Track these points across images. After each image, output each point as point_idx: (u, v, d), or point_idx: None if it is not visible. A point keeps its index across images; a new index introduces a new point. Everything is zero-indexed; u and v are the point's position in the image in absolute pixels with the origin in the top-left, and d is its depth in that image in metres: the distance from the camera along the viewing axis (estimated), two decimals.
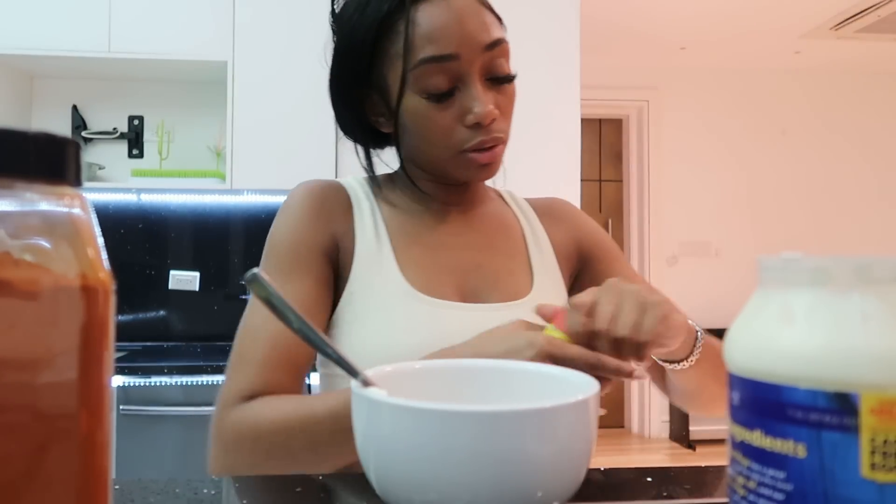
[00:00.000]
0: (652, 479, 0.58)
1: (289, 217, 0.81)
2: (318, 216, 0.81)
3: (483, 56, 0.74)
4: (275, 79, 2.54)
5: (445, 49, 0.72)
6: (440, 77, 0.73)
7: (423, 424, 0.38)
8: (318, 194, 0.83)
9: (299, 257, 0.78)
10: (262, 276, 0.42)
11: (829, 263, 0.29)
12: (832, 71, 4.86)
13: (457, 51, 0.73)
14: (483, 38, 0.74)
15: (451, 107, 0.74)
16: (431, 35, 0.72)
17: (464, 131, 0.75)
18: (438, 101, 0.74)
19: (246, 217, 2.84)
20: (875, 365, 0.27)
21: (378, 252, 0.80)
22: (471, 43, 0.73)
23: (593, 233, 0.93)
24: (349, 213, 0.83)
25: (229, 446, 0.69)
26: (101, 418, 0.28)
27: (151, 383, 2.18)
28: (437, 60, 0.73)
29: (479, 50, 0.73)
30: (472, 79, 0.74)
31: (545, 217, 0.92)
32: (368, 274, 0.78)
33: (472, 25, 0.73)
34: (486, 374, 0.52)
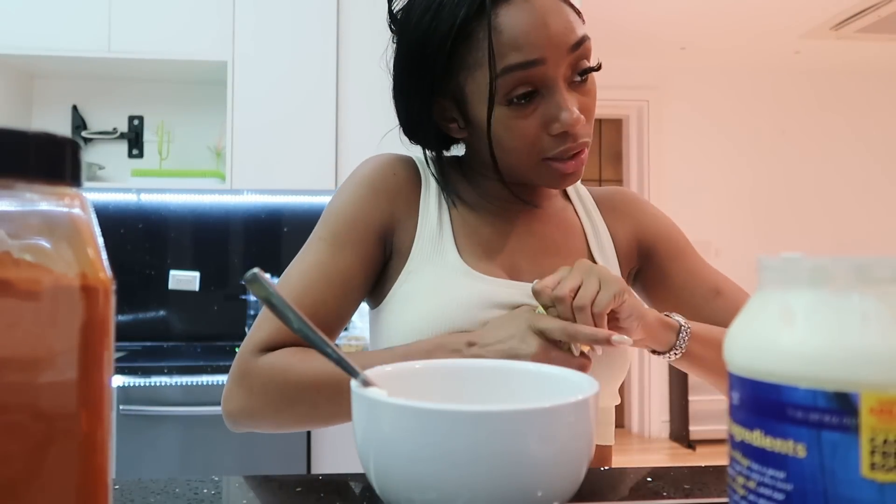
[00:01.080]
0: (652, 479, 0.58)
1: (354, 189, 0.80)
2: (382, 193, 0.80)
3: (569, 58, 0.70)
4: (275, 79, 2.54)
5: (531, 55, 0.69)
6: (523, 84, 0.70)
7: (423, 424, 0.38)
8: (387, 170, 0.81)
9: (354, 232, 0.78)
10: (261, 276, 0.42)
11: (829, 263, 0.29)
12: (832, 71, 4.86)
13: (543, 55, 0.69)
14: (569, 38, 0.70)
15: (535, 114, 0.71)
16: (516, 41, 0.69)
17: (549, 139, 0.72)
18: (523, 108, 0.71)
19: (246, 217, 2.84)
20: (875, 365, 0.27)
21: (439, 236, 0.79)
22: (557, 45, 0.69)
23: (655, 226, 0.89)
24: (416, 192, 0.82)
25: (255, 389, 0.72)
26: (101, 418, 0.28)
27: (151, 383, 2.18)
28: (524, 67, 0.69)
29: (565, 52, 0.70)
30: (557, 84, 0.70)
31: (607, 211, 0.89)
32: (428, 256, 0.78)
33: (557, 26, 0.69)
34: (486, 374, 0.52)
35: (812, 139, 4.89)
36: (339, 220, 0.79)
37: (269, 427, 0.75)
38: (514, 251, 0.82)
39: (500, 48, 0.69)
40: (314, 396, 0.71)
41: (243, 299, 2.70)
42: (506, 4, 0.69)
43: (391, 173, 0.81)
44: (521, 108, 0.71)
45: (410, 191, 0.81)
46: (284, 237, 2.84)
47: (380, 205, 0.80)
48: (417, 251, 0.79)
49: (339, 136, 2.55)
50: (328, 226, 0.79)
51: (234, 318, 2.74)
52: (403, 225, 0.80)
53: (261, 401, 0.72)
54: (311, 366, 0.71)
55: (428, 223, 0.80)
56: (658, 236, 0.88)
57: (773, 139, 4.87)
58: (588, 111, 0.74)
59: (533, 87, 0.70)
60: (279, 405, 0.72)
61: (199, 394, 2.19)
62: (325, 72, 2.54)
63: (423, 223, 0.80)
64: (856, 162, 4.90)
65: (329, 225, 0.79)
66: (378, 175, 0.81)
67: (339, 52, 2.54)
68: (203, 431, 2.19)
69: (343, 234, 0.78)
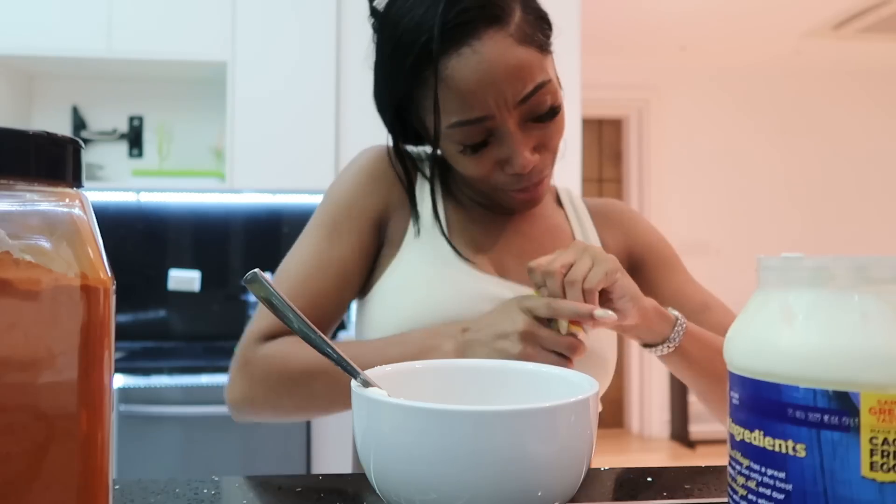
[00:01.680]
0: (652, 479, 0.58)
1: (351, 177, 0.81)
2: (379, 181, 0.81)
3: (517, 110, 0.69)
4: (275, 79, 2.54)
5: (476, 113, 0.68)
6: (473, 135, 0.70)
7: (423, 424, 0.38)
8: (385, 160, 0.82)
9: (350, 219, 0.79)
10: (261, 276, 0.42)
11: (829, 263, 0.29)
12: (832, 71, 4.86)
13: (490, 112, 0.69)
14: (518, 93, 0.68)
15: (488, 155, 0.72)
16: (462, 98, 0.68)
17: (504, 176, 0.73)
18: (474, 152, 0.72)
19: (246, 217, 2.84)
20: (875, 364, 0.27)
21: (433, 228, 0.80)
22: (503, 102, 0.68)
23: (646, 239, 0.89)
24: (412, 183, 0.82)
25: (256, 379, 0.74)
26: (101, 418, 0.28)
27: (151, 383, 2.18)
28: (470, 123, 0.69)
29: (511, 106, 0.69)
30: (507, 132, 0.70)
31: (599, 221, 0.89)
32: (421, 247, 0.79)
33: (504, 82, 0.67)
34: (486, 374, 0.52)
35: (812, 139, 4.89)
36: (337, 208, 0.80)
37: (271, 415, 0.76)
38: (502, 250, 0.82)
39: (446, 103, 0.68)
40: (312, 383, 0.72)
41: (243, 299, 2.70)
42: (455, 55, 0.67)
43: (389, 163, 0.82)
44: (473, 156, 0.72)
45: (407, 181, 0.82)
46: (284, 237, 2.84)
47: (376, 192, 0.80)
48: (409, 241, 0.79)
49: (339, 136, 2.55)
50: (325, 213, 0.80)
51: (234, 318, 2.74)
52: (398, 214, 0.81)
53: (261, 388, 0.73)
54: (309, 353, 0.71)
55: (423, 214, 0.80)
56: (649, 249, 0.88)
57: (774, 139, 4.87)
58: (548, 146, 0.74)
59: (484, 136, 0.70)
60: (279, 392, 0.73)
61: (199, 394, 2.20)
62: (326, 72, 2.54)
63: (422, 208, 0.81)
64: (856, 162, 4.90)
65: (326, 212, 0.80)
66: (376, 164, 0.82)
67: (339, 52, 2.54)
68: (203, 431, 2.19)
69: (340, 221, 0.79)
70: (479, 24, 0.67)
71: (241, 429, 2.21)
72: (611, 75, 4.65)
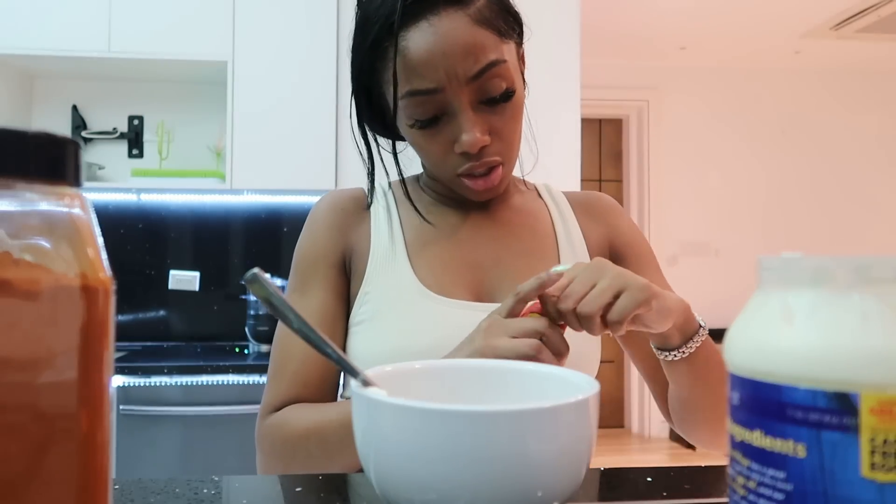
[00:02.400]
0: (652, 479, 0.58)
1: (309, 232, 0.84)
2: (334, 228, 0.83)
3: (469, 86, 0.71)
4: (275, 79, 2.54)
5: (428, 83, 0.71)
6: (426, 107, 0.72)
7: (423, 424, 0.38)
8: (336, 206, 0.85)
9: (317, 271, 0.81)
10: (261, 276, 0.42)
11: (829, 263, 0.29)
12: (832, 71, 4.86)
13: (439, 84, 0.71)
14: (467, 68, 0.70)
15: (441, 133, 0.74)
16: (415, 68, 0.70)
17: (456, 157, 0.75)
18: (426, 128, 0.74)
19: (246, 217, 2.84)
20: (875, 365, 0.27)
21: (392, 253, 0.81)
22: (454, 75, 0.70)
23: (627, 233, 0.89)
24: (366, 218, 0.84)
25: (265, 451, 0.77)
26: (101, 418, 0.28)
27: (151, 383, 2.18)
28: (422, 94, 0.71)
29: (463, 81, 0.71)
30: (458, 108, 0.72)
31: (581, 212, 0.89)
32: (382, 275, 0.80)
33: (456, 56, 0.70)
34: (486, 374, 0.52)
35: (812, 139, 4.89)
36: (302, 265, 0.83)
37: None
38: (475, 262, 0.82)
39: (403, 72, 0.71)
40: (307, 446, 0.72)
41: (243, 299, 2.70)
42: (414, 28, 0.70)
43: (339, 207, 0.85)
44: (426, 131, 0.74)
45: (360, 217, 0.84)
46: (284, 237, 2.84)
47: (333, 237, 0.83)
48: (371, 271, 0.81)
49: (339, 136, 2.55)
50: (294, 277, 0.83)
51: (234, 318, 2.74)
52: (357, 249, 0.83)
53: (273, 459, 0.75)
54: (301, 421, 0.73)
55: (380, 242, 0.82)
56: (629, 244, 0.88)
57: (773, 139, 4.87)
58: (500, 132, 0.74)
59: (437, 111, 0.72)
60: (286, 459, 0.74)
61: (199, 394, 2.19)
62: (326, 72, 2.54)
63: (376, 243, 0.82)
64: (856, 162, 4.90)
65: (295, 276, 0.83)
66: (326, 212, 0.84)
67: (338, 51, 2.54)
68: (203, 431, 2.19)
69: (307, 278, 0.81)
70: (439, 2, 0.70)
71: (241, 429, 2.21)
72: (611, 75, 4.65)
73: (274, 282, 0.43)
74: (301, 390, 0.77)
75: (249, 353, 2.51)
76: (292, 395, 0.77)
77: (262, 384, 2.21)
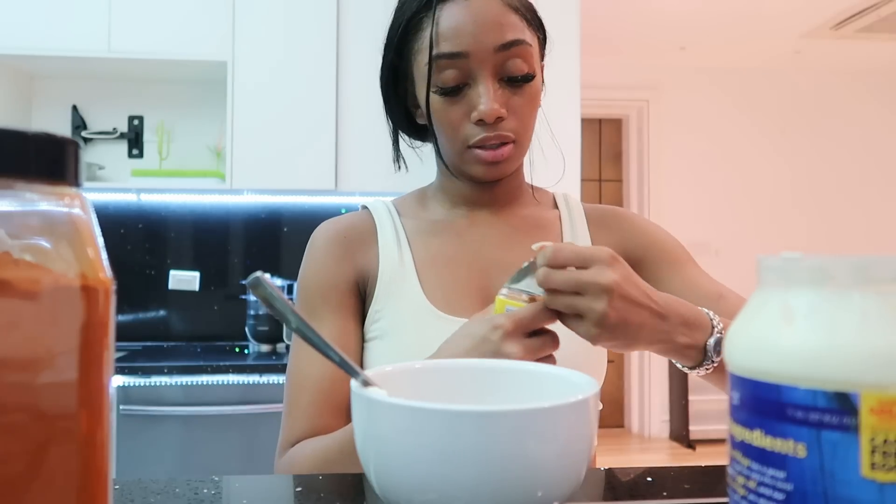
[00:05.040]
0: (652, 479, 0.58)
1: (313, 261, 0.84)
2: (341, 255, 0.84)
3: (495, 57, 0.76)
4: (275, 79, 2.54)
5: (457, 47, 0.75)
6: (452, 73, 0.76)
7: (423, 424, 0.38)
8: (340, 232, 0.86)
9: (328, 299, 0.82)
10: (264, 280, 0.42)
11: (829, 263, 0.29)
12: (832, 71, 4.86)
13: (467, 49, 0.75)
14: (494, 38, 0.75)
15: (461, 102, 0.77)
16: (447, 33, 0.76)
17: (471, 127, 0.77)
18: (449, 94, 0.77)
19: (246, 217, 2.83)
20: (875, 364, 0.27)
21: (401, 271, 0.82)
22: (481, 42, 0.75)
23: (646, 239, 0.87)
24: (373, 240, 0.85)
25: None
26: (101, 418, 0.28)
27: (151, 383, 2.18)
28: (449, 57, 0.75)
29: (489, 50, 0.75)
30: (481, 77, 0.76)
31: (595, 224, 0.89)
32: (391, 294, 0.81)
33: (485, 25, 0.75)
34: (486, 374, 0.52)
35: (812, 139, 4.89)
36: (311, 294, 0.82)
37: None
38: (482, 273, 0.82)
39: (436, 38, 0.76)
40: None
41: (243, 299, 2.70)
42: (450, 2, 0.76)
43: (341, 237, 0.85)
44: (451, 97, 0.77)
45: (366, 241, 0.85)
46: (284, 237, 2.84)
47: (342, 264, 0.83)
48: (381, 290, 0.82)
49: (339, 136, 2.55)
50: (301, 303, 0.83)
51: (234, 318, 2.74)
52: (367, 271, 0.84)
53: None
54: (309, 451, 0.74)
55: (388, 261, 0.83)
56: (648, 246, 0.86)
57: (773, 139, 4.87)
58: (518, 111, 0.78)
59: (461, 79, 0.76)
60: None
61: (199, 394, 2.19)
62: (325, 72, 2.54)
63: (384, 262, 0.83)
64: (856, 162, 4.90)
65: (302, 302, 0.83)
66: (330, 243, 0.85)
67: (338, 51, 2.54)
68: (203, 431, 2.19)
69: (318, 304, 0.81)
70: None
71: (241, 429, 2.21)
72: (611, 75, 4.65)
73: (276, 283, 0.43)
74: (317, 421, 0.77)
75: (249, 353, 2.51)
76: (308, 428, 0.77)
77: (262, 384, 2.22)
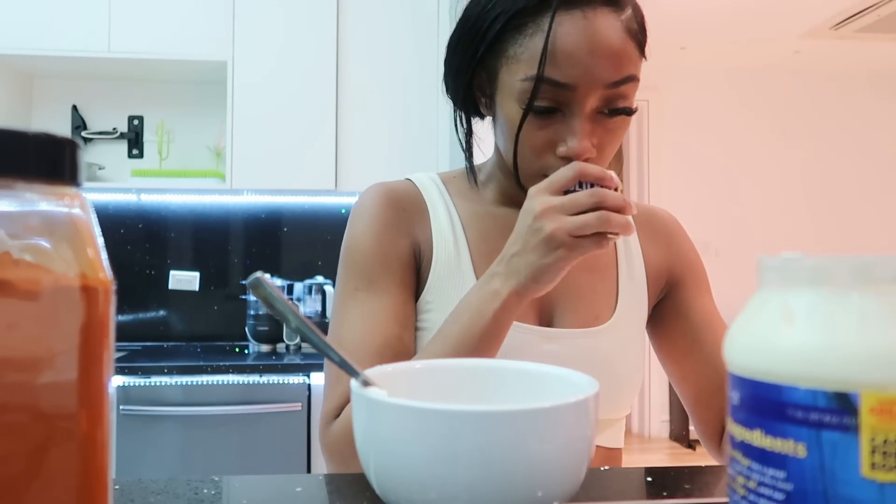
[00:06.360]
0: (652, 479, 0.58)
1: (368, 225, 0.78)
2: (398, 223, 0.78)
3: (602, 93, 0.68)
4: (274, 79, 2.54)
5: (567, 78, 0.67)
6: (550, 99, 0.68)
7: (423, 424, 0.38)
8: (394, 198, 0.79)
9: (388, 268, 0.76)
10: (265, 280, 0.42)
11: (828, 263, 0.29)
12: (832, 71, 4.86)
13: (576, 83, 0.67)
14: (609, 75, 0.67)
15: (549, 128, 0.70)
16: (560, 58, 0.67)
17: (553, 159, 0.70)
18: (541, 118, 0.69)
19: (246, 217, 2.83)
20: (875, 364, 0.27)
21: (456, 259, 0.78)
22: (594, 78, 0.67)
23: (688, 257, 0.86)
24: (426, 217, 0.80)
25: (330, 457, 0.74)
26: (101, 418, 0.28)
27: (151, 383, 2.18)
28: (554, 85, 0.67)
29: (600, 87, 0.68)
30: (580, 111, 0.68)
31: (644, 231, 0.86)
32: (445, 286, 0.76)
33: (602, 58, 0.67)
34: (486, 374, 0.52)
35: (812, 139, 4.89)
36: (368, 262, 0.76)
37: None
38: None
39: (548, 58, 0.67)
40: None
41: (243, 299, 2.70)
42: (567, 14, 0.67)
43: (399, 206, 0.79)
44: (539, 118, 0.69)
45: (421, 215, 0.80)
46: (284, 237, 2.84)
47: (399, 233, 0.78)
48: (434, 279, 0.77)
49: (339, 136, 2.55)
50: (355, 270, 0.77)
51: (234, 318, 2.74)
52: (423, 251, 0.78)
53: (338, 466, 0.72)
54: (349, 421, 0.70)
55: (443, 247, 0.78)
56: (689, 268, 0.86)
57: (773, 139, 4.87)
58: (605, 148, 0.71)
59: (557, 104, 0.69)
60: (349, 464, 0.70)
61: (199, 394, 2.19)
62: (325, 72, 2.54)
63: (439, 247, 0.78)
64: (856, 162, 4.90)
65: (356, 269, 0.77)
66: (386, 204, 0.79)
67: (338, 51, 2.54)
68: (203, 431, 2.19)
69: (376, 274, 0.76)
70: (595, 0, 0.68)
71: (241, 429, 2.21)
72: None
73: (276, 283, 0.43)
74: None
75: (249, 353, 2.51)
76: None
77: (262, 384, 2.22)
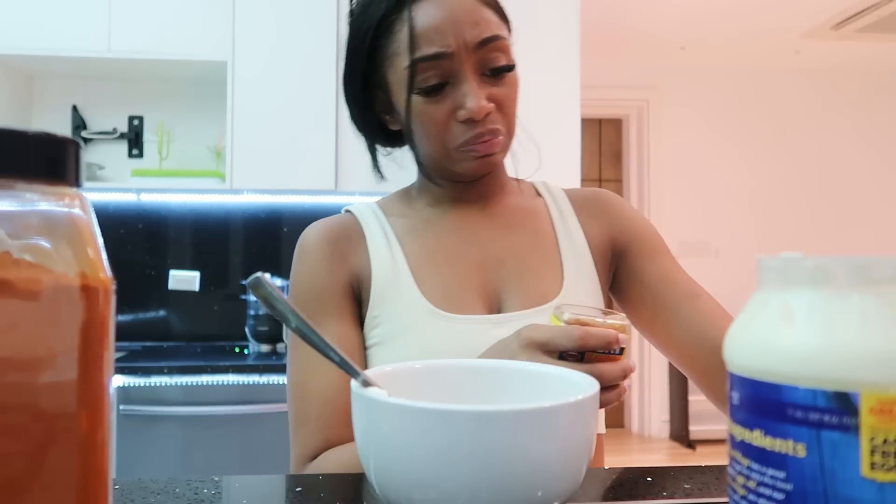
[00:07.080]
0: (652, 479, 0.58)
1: (305, 265, 0.82)
2: (333, 257, 0.81)
3: (475, 54, 0.75)
4: (274, 79, 2.54)
5: (439, 47, 0.74)
6: (433, 74, 0.75)
7: (423, 424, 0.38)
8: (329, 234, 0.83)
9: (324, 303, 0.79)
10: (265, 280, 0.42)
11: (829, 263, 0.29)
12: (832, 71, 4.86)
13: (447, 49, 0.74)
14: (474, 35, 0.74)
15: (445, 102, 0.76)
16: (426, 33, 0.74)
17: (458, 127, 0.76)
18: (431, 95, 0.75)
19: (246, 217, 2.83)
20: (875, 364, 0.27)
21: (395, 273, 0.80)
22: (461, 41, 0.74)
23: (631, 226, 0.88)
24: (362, 243, 0.83)
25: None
26: (101, 418, 0.28)
27: (151, 383, 2.18)
28: (430, 59, 0.74)
29: (470, 48, 0.74)
30: (464, 75, 0.75)
31: (582, 209, 0.88)
32: (388, 297, 0.79)
33: (463, 24, 0.74)
34: (486, 374, 0.52)
35: (812, 139, 4.89)
36: (306, 299, 0.80)
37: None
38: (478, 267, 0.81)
39: (413, 40, 0.75)
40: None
41: (243, 299, 2.70)
42: (422, 2, 0.75)
43: (331, 238, 0.83)
44: (433, 97, 0.75)
45: (356, 244, 0.83)
46: (284, 237, 2.84)
47: (334, 267, 0.81)
48: (376, 294, 0.80)
49: (339, 136, 2.55)
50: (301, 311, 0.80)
51: (234, 318, 2.74)
52: (361, 274, 0.81)
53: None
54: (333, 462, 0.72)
55: (380, 264, 0.81)
56: (633, 235, 0.87)
57: (774, 139, 4.87)
58: (502, 102, 0.77)
59: (442, 78, 0.75)
60: None
61: (199, 394, 2.19)
62: (326, 71, 2.54)
63: (377, 266, 0.81)
64: (856, 162, 4.90)
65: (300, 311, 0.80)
66: (319, 244, 0.82)
67: (338, 51, 2.54)
68: (203, 431, 2.19)
69: (315, 309, 0.79)
70: None
71: (241, 429, 2.21)
72: (611, 75, 4.65)
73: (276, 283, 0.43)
74: (330, 433, 0.74)
75: (249, 353, 2.51)
76: (322, 441, 0.74)
77: (262, 384, 2.22)
